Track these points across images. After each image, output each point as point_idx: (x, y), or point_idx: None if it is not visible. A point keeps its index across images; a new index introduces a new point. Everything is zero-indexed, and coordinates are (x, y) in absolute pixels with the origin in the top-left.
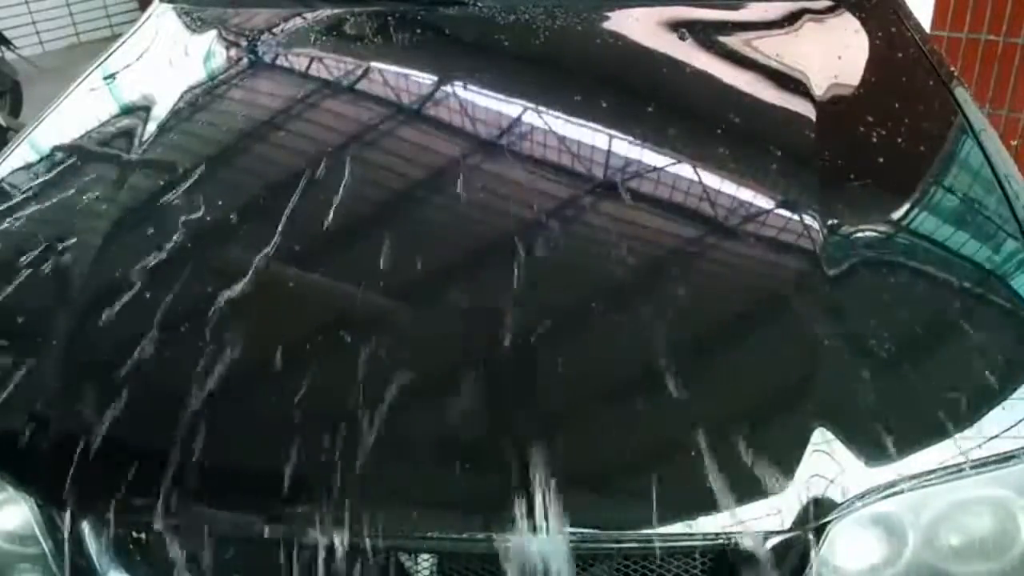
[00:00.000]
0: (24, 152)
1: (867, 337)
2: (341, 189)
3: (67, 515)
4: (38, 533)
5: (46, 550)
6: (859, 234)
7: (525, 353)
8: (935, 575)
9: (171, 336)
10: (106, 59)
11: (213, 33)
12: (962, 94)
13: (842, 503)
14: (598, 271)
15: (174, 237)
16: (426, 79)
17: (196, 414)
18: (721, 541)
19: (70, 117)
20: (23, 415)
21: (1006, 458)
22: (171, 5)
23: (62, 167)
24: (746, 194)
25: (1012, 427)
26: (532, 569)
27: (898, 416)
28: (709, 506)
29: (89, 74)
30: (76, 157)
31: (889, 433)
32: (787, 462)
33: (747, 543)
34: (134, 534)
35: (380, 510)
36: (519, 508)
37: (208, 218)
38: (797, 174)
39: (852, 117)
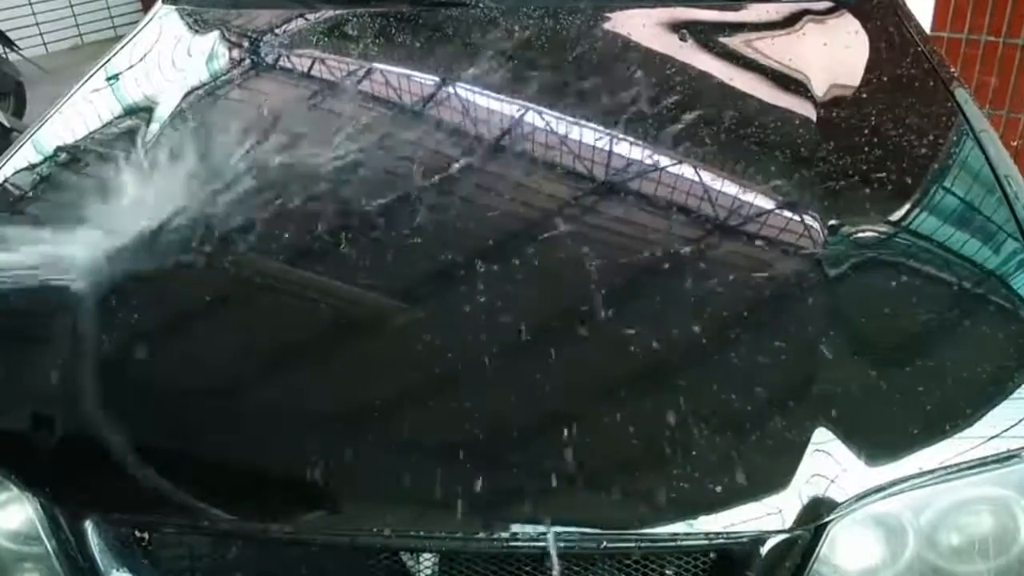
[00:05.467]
0: (28, 153)
1: (867, 337)
2: (345, 188)
3: (70, 514)
4: (41, 532)
5: (49, 549)
6: (859, 234)
7: (526, 353)
8: (935, 575)
9: (174, 336)
10: (109, 60)
11: (216, 34)
12: (962, 95)
13: (842, 503)
14: (598, 271)
15: (177, 237)
16: (428, 79)
17: (199, 414)
18: (721, 541)
19: (73, 118)
20: (27, 414)
21: (1006, 457)
22: (174, 6)
23: (66, 168)
24: (747, 194)
25: (1012, 427)
26: (532, 568)
27: (898, 416)
28: (709, 506)
29: (92, 75)
30: (79, 158)
31: (889, 433)
32: (787, 462)
33: (747, 543)
34: (136, 533)
35: (380, 510)
36: (519, 508)
37: (212, 218)
38: (798, 174)
39: (853, 118)
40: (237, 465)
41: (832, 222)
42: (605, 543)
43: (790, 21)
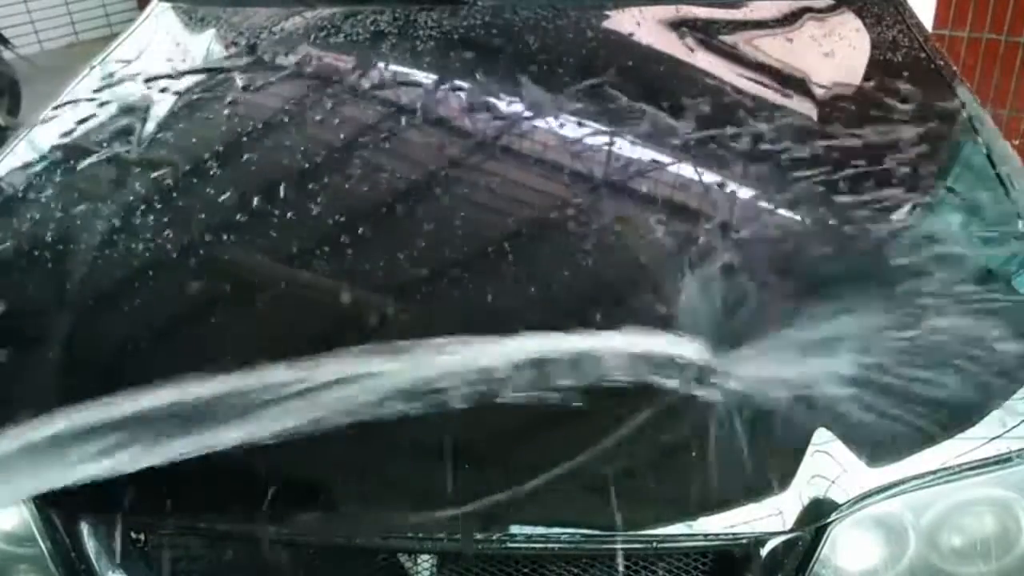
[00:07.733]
0: (23, 151)
1: (868, 337)
2: (340, 186)
3: (65, 516)
4: (36, 534)
5: (44, 551)
6: (860, 233)
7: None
8: None
9: (171, 336)
10: (105, 58)
11: (212, 32)
12: (964, 93)
13: (843, 504)
14: (597, 270)
15: (173, 235)
16: (425, 78)
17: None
18: (722, 541)
19: (69, 116)
20: (22, 415)
21: (1007, 458)
22: (170, 4)
23: (61, 166)
24: (747, 193)
25: (1013, 427)
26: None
27: (899, 416)
28: (710, 506)
29: (88, 73)
30: (75, 156)
31: (890, 433)
32: (788, 462)
33: (748, 544)
34: (132, 535)
35: (379, 510)
36: (518, 509)
37: (207, 217)
38: (798, 173)
39: (854, 116)
40: (234, 467)
41: (833, 220)
42: (605, 544)
43: (791, 19)
